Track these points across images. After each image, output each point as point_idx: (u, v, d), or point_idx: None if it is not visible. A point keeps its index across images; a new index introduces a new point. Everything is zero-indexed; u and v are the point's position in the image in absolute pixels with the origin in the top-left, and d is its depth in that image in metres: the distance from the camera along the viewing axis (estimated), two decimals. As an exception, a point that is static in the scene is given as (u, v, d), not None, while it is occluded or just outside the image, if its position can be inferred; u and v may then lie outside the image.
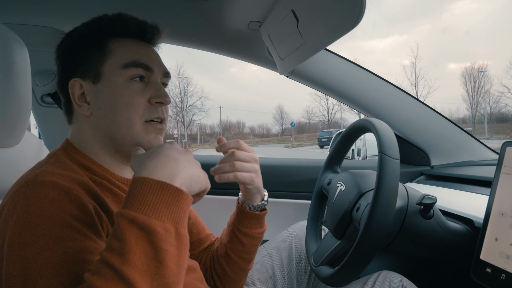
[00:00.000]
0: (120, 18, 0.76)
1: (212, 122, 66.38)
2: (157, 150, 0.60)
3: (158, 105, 0.76)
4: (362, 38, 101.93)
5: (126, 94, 0.73)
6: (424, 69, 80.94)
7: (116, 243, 0.49)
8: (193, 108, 49.86)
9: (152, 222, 0.50)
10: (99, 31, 0.76)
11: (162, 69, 0.80)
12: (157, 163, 0.57)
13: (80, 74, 0.75)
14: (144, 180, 0.54)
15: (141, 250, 0.49)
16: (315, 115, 59.13)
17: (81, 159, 0.74)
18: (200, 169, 0.63)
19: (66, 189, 0.60)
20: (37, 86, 1.48)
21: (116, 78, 0.74)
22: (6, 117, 0.82)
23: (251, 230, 0.91)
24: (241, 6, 1.14)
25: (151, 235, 0.50)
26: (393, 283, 0.93)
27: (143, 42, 0.79)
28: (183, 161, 0.60)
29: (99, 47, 0.75)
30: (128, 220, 0.50)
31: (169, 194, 0.53)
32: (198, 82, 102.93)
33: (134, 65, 0.74)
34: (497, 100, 39.39)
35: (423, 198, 0.83)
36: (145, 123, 0.75)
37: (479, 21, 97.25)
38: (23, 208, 0.56)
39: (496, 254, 0.71)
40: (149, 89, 0.76)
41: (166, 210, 0.52)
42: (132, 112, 0.73)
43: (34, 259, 0.53)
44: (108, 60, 0.75)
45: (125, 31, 0.77)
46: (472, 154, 1.47)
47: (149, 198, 0.52)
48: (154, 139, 0.76)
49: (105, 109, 0.74)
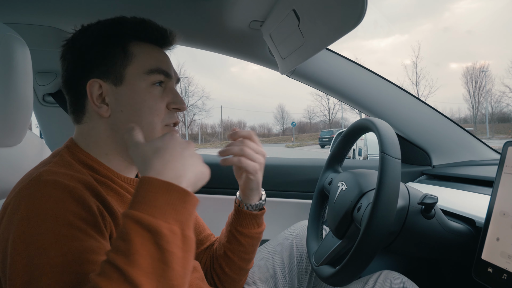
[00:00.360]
0: (143, 23, 0.78)
1: (213, 122, 66.36)
2: (162, 146, 0.60)
3: (174, 111, 0.79)
4: (363, 37, 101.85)
5: (149, 99, 0.75)
6: (425, 69, 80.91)
7: (122, 244, 0.49)
8: (194, 108, 49.89)
9: (159, 224, 0.50)
10: (121, 33, 0.76)
11: (177, 76, 0.83)
12: (165, 163, 0.57)
13: (99, 75, 0.74)
14: (151, 181, 0.54)
15: (146, 252, 0.48)
16: (316, 114, 59.12)
17: (85, 158, 0.74)
18: (202, 162, 0.62)
19: (70, 189, 0.60)
20: (39, 85, 1.48)
21: (139, 83, 0.75)
22: (8, 117, 0.82)
23: (249, 230, 0.91)
24: (242, 5, 1.13)
25: (157, 237, 0.49)
26: (394, 283, 0.93)
27: (160, 48, 0.82)
28: (189, 158, 0.60)
29: (121, 50, 0.75)
30: (134, 221, 0.50)
31: (176, 196, 0.53)
32: (199, 82, 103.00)
33: (158, 72, 0.76)
34: (499, 100, 39.34)
35: (424, 198, 0.83)
36: (165, 127, 0.78)
37: (481, 20, 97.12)
38: (27, 207, 0.56)
39: (497, 254, 0.71)
40: (167, 95, 0.78)
41: (173, 211, 0.52)
42: (154, 116, 0.75)
43: (38, 258, 0.53)
44: (131, 64, 0.75)
45: (148, 36, 0.78)
46: (473, 154, 1.47)
47: (156, 199, 0.52)
48: None
49: (127, 112, 0.74)
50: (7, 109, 0.81)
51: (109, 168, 0.76)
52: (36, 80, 1.46)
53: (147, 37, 0.78)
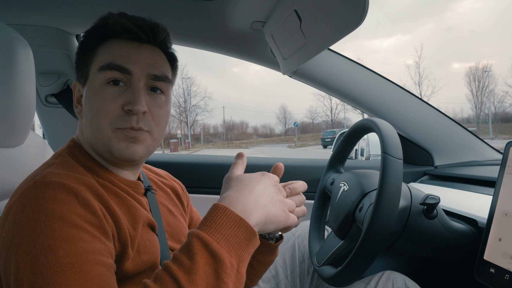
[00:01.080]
0: (121, 19, 0.72)
1: (216, 122, 66.51)
2: (244, 181, 0.63)
3: (130, 113, 0.70)
4: (365, 37, 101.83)
5: (98, 99, 0.70)
6: (428, 69, 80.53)
7: (187, 260, 0.52)
8: (197, 108, 49.97)
9: (223, 253, 0.53)
10: (100, 33, 0.74)
11: (147, 71, 0.72)
12: (239, 197, 0.60)
13: (78, 77, 0.77)
14: (225, 210, 0.56)
15: (205, 275, 0.51)
16: (319, 115, 59.18)
17: (85, 160, 0.73)
18: (282, 206, 0.64)
19: (75, 191, 0.60)
20: (41, 86, 1.48)
21: (94, 81, 0.71)
22: (11, 117, 0.82)
23: (263, 258, 0.88)
24: (244, 6, 1.14)
25: (218, 264, 0.52)
26: (396, 283, 0.93)
27: (134, 43, 0.73)
28: (265, 198, 0.62)
29: (91, 49, 0.74)
30: (202, 243, 0.53)
31: (243, 232, 0.56)
32: (201, 82, 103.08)
33: (109, 67, 0.70)
34: (502, 100, 39.18)
35: (426, 198, 0.83)
36: (117, 130, 0.70)
37: (483, 20, 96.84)
38: (33, 209, 0.56)
39: (499, 255, 0.71)
40: (126, 95, 0.70)
41: (237, 246, 0.55)
42: (101, 118, 0.69)
43: (45, 258, 0.53)
44: (93, 62, 0.73)
45: (126, 32, 0.73)
46: (476, 154, 1.47)
47: (226, 229, 0.55)
48: (125, 148, 0.70)
49: (85, 113, 0.73)
50: (10, 109, 0.82)
51: (109, 170, 0.75)
52: (38, 81, 1.47)
53: (125, 33, 0.72)
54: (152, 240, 0.74)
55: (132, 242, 0.69)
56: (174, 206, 0.91)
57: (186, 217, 0.95)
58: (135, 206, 0.74)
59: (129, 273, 0.67)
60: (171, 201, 0.91)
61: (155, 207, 0.82)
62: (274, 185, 0.65)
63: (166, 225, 0.84)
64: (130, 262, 0.67)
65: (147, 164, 0.97)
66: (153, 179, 0.92)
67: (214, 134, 61.40)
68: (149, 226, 0.76)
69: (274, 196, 0.63)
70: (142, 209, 0.75)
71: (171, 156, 2.02)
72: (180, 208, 0.93)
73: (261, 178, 0.65)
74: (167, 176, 0.99)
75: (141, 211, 0.74)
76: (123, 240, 0.66)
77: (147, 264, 0.70)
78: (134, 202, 0.74)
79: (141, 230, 0.72)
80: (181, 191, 0.97)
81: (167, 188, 0.93)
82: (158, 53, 0.76)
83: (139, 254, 0.69)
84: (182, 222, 0.90)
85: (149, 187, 0.84)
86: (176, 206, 0.92)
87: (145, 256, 0.70)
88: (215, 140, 54.29)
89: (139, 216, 0.73)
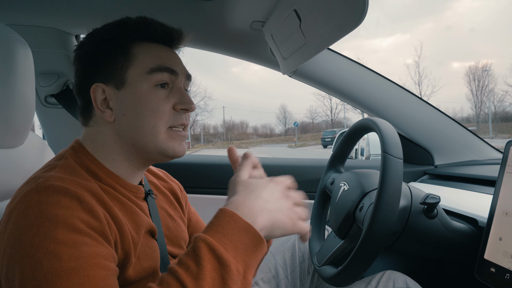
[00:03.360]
0: (145, 22, 0.75)
1: (216, 122, 66.47)
2: (252, 186, 0.62)
3: (182, 112, 0.75)
4: (365, 37, 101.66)
5: (152, 100, 0.72)
6: (428, 68, 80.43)
7: (194, 266, 0.52)
8: (196, 108, 49.89)
9: (229, 259, 0.53)
10: (122, 35, 0.74)
11: (185, 72, 0.79)
12: (244, 201, 0.59)
13: (103, 79, 0.73)
14: (233, 216, 0.56)
15: (212, 280, 0.51)
16: (319, 114, 59.11)
17: (89, 164, 0.72)
18: (289, 213, 0.62)
19: (79, 196, 0.60)
20: (41, 87, 1.48)
21: (141, 84, 0.72)
22: (10, 118, 0.82)
23: None
24: (244, 6, 1.14)
25: (224, 270, 0.52)
26: (397, 283, 0.93)
27: (165, 47, 0.78)
28: (272, 204, 0.61)
29: (122, 52, 0.73)
30: (209, 247, 0.53)
31: (251, 238, 0.55)
32: (201, 82, 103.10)
33: (160, 70, 0.73)
34: (502, 99, 39.17)
35: (426, 198, 0.83)
36: (169, 130, 0.74)
37: (483, 19, 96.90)
38: (36, 214, 0.56)
39: (500, 254, 0.71)
40: (174, 95, 0.75)
41: (244, 252, 0.54)
42: (157, 119, 0.72)
43: (49, 262, 0.52)
44: (132, 65, 0.73)
45: (150, 35, 0.75)
46: (476, 153, 1.47)
47: (233, 234, 0.54)
48: (178, 146, 0.75)
49: (130, 115, 0.72)
50: (9, 110, 0.81)
51: (113, 174, 0.74)
52: (38, 82, 1.47)
53: (151, 36, 0.76)
54: (152, 246, 0.74)
55: (135, 248, 0.69)
56: (173, 209, 0.91)
57: (185, 219, 0.95)
58: (137, 212, 0.73)
59: (131, 280, 0.67)
60: (171, 205, 0.91)
61: (155, 212, 0.82)
62: (282, 191, 0.64)
63: (166, 229, 0.84)
64: (132, 269, 0.67)
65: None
66: (153, 181, 0.92)
67: (214, 134, 61.38)
68: (149, 232, 0.75)
69: (281, 202, 0.62)
70: (143, 215, 0.75)
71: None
72: (180, 211, 0.93)
73: (268, 184, 0.64)
74: (166, 177, 0.99)
75: (142, 217, 0.74)
76: (126, 247, 0.66)
77: (148, 271, 0.71)
78: (136, 208, 0.74)
79: (142, 236, 0.72)
80: (180, 192, 0.97)
81: (166, 191, 0.93)
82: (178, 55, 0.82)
83: (139, 260, 0.69)
84: (181, 226, 0.90)
85: (150, 191, 0.83)
86: (176, 210, 0.92)
87: (145, 263, 0.70)
88: (215, 140, 54.27)
89: (141, 222, 0.73)
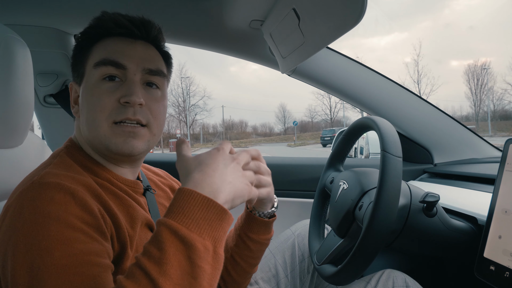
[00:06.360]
0: (115, 17, 0.74)
1: (215, 122, 66.50)
2: (204, 160, 0.60)
3: (128, 105, 0.70)
4: (364, 35, 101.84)
5: (94, 94, 0.71)
6: (427, 67, 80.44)
7: (156, 251, 0.50)
8: (196, 108, 49.94)
9: (193, 237, 0.51)
10: (86, 33, 0.76)
11: (142, 65, 0.73)
12: (204, 177, 0.57)
13: (74, 77, 0.78)
14: (191, 194, 0.54)
15: (178, 263, 0.49)
16: (318, 113, 59.17)
17: (83, 160, 0.73)
18: (244, 180, 0.62)
19: (72, 191, 0.60)
20: (40, 86, 1.48)
21: (90, 78, 0.72)
22: (9, 118, 0.82)
23: (259, 236, 0.88)
24: (242, 5, 1.13)
25: (190, 250, 0.50)
26: (396, 282, 0.93)
27: (127, 40, 0.75)
28: (229, 174, 0.60)
29: (84, 49, 0.75)
30: (170, 230, 0.51)
31: (214, 212, 0.54)
32: (200, 82, 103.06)
33: (103, 63, 0.71)
34: (501, 98, 39.29)
35: (426, 196, 0.83)
36: (114, 125, 0.70)
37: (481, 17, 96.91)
38: (29, 210, 0.56)
39: (499, 252, 0.71)
40: (122, 89, 0.71)
41: (208, 227, 0.53)
42: (98, 112, 0.70)
43: (41, 259, 0.52)
44: (87, 60, 0.74)
45: (119, 30, 0.74)
46: (475, 151, 1.47)
47: (194, 212, 0.53)
48: (123, 143, 0.71)
49: (82, 110, 0.74)
50: (8, 110, 0.81)
51: (107, 169, 0.75)
52: (37, 81, 1.47)
53: (118, 29, 0.74)
54: None
55: (131, 242, 0.68)
56: None
57: None
58: (134, 206, 0.73)
59: None
60: (170, 201, 0.91)
61: (153, 207, 0.82)
62: (233, 159, 0.62)
63: None
64: (129, 262, 0.66)
65: (147, 164, 0.97)
66: (152, 178, 0.92)
67: (214, 133, 61.39)
68: (147, 226, 0.75)
69: (236, 171, 0.61)
70: (140, 209, 0.75)
71: (171, 155, 2.02)
72: None
73: (219, 154, 0.62)
74: (166, 176, 0.99)
75: (139, 211, 0.74)
76: (122, 240, 0.66)
77: None
78: (133, 202, 0.74)
79: (140, 230, 0.72)
80: None
81: (166, 188, 0.93)
82: (151, 48, 0.78)
83: (137, 254, 0.69)
84: None
85: (148, 187, 0.83)
86: None
87: None
88: (215, 139, 54.25)
89: (137, 216, 0.72)
